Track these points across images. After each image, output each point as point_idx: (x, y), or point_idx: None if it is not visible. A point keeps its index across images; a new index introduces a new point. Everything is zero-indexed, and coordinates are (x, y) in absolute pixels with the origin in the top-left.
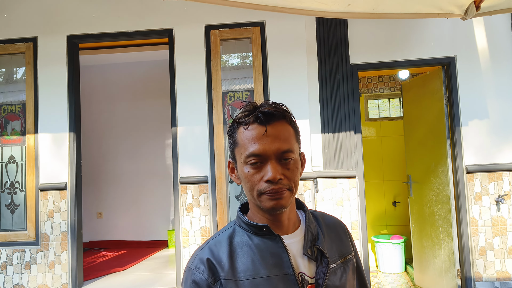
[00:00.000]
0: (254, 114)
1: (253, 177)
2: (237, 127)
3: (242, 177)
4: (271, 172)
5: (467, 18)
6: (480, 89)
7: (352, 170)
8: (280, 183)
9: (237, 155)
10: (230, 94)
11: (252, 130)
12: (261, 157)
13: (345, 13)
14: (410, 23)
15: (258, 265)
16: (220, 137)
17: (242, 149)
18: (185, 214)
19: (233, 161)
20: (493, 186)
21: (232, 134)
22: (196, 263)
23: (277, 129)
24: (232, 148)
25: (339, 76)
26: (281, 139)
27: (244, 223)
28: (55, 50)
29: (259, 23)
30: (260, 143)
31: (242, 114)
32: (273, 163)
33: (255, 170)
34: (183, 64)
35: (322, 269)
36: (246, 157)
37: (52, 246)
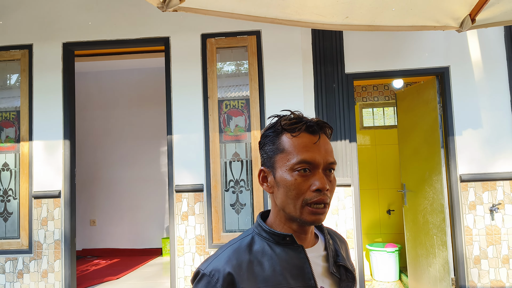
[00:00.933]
0: (304, 123)
1: (300, 185)
2: (281, 133)
3: (284, 185)
4: (320, 181)
5: (463, 31)
6: (473, 99)
7: (347, 179)
8: (326, 194)
9: (279, 162)
10: (226, 102)
11: (302, 138)
12: (311, 165)
13: (343, 26)
14: (404, 33)
15: (279, 275)
16: (216, 145)
17: (290, 155)
18: (180, 222)
19: (268, 169)
20: (487, 195)
21: (273, 141)
22: (211, 270)
23: (325, 141)
24: (272, 154)
25: (334, 85)
26: (328, 151)
27: (266, 232)
28: (50, 57)
29: (255, 32)
30: (313, 151)
31: (288, 122)
32: (321, 173)
33: (303, 179)
34: (179, 72)
35: (348, 283)
36: (296, 164)
37: (45, 255)
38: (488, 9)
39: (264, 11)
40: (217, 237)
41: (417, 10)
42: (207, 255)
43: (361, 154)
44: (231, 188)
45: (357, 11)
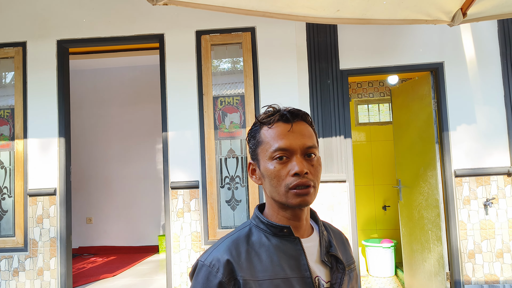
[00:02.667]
0: (279, 113)
1: (279, 172)
2: (260, 127)
3: (266, 174)
4: (298, 166)
5: (454, 25)
6: (468, 94)
7: (342, 175)
8: (306, 177)
9: (260, 153)
10: (221, 99)
11: (277, 128)
12: (287, 152)
13: (335, 19)
14: (399, 29)
15: (276, 266)
16: (211, 142)
17: (267, 145)
18: (176, 219)
19: (254, 161)
20: (481, 190)
21: (254, 135)
22: (211, 260)
23: (301, 127)
24: (254, 148)
25: (329, 81)
26: (305, 136)
27: (263, 223)
28: (44, 55)
29: (249, 29)
30: (286, 138)
31: (265, 115)
32: (299, 158)
33: (281, 165)
34: (174, 69)
35: (339, 274)
36: (273, 152)
37: (41, 252)
38: (479, 3)
39: (255, 4)
40: (213, 233)
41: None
42: (203, 251)
43: (357, 151)
44: (226, 184)
45: (349, 4)
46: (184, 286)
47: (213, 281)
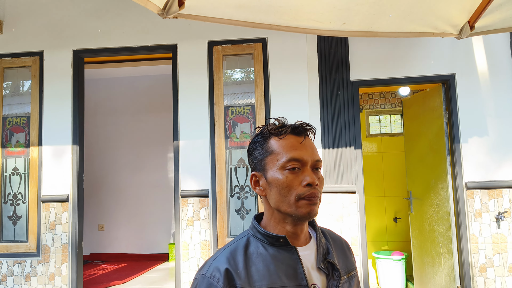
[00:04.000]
0: (289, 126)
1: (292, 182)
2: (268, 138)
3: (275, 184)
4: (310, 176)
5: (462, 38)
6: (479, 106)
7: (352, 186)
8: (316, 188)
9: (269, 163)
10: (232, 109)
11: (288, 139)
12: (300, 163)
13: (341, 31)
14: (410, 41)
15: (273, 275)
16: (221, 151)
17: (278, 155)
18: (185, 227)
19: (259, 172)
20: (493, 203)
21: (261, 145)
22: (212, 271)
23: (309, 141)
24: (262, 157)
25: (339, 92)
26: (314, 150)
27: (260, 233)
28: (60, 64)
29: (261, 40)
30: (300, 150)
31: (274, 126)
32: (310, 170)
33: (293, 176)
34: (186, 79)
35: (334, 282)
36: (285, 162)
37: (53, 258)
38: (487, 16)
39: (263, 17)
40: (222, 242)
41: (414, 16)
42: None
43: (368, 162)
44: (236, 193)
45: (354, 17)
46: None
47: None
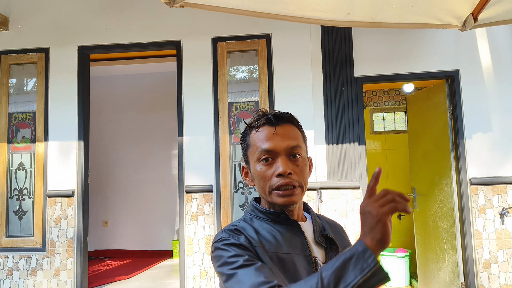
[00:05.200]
0: (264, 117)
1: (265, 173)
2: (249, 131)
3: (255, 175)
4: (282, 166)
5: (466, 30)
6: (483, 102)
7: (356, 181)
8: (290, 178)
9: (250, 156)
10: (236, 105)
11: (263, 131)
12: (272, 153)
13: (345, 22)
14: (414, 36)
15: (281, 243)
16: (226, 147)
17: (254, 148)
18: (189, 222)
19: (246, 164)
20: (497, 199)
21: (244, 139)
22: (229, 232)
23: (285, 129)
24: (245, 151)
25: (343, 88)
26: (290, 138)
27: (262, 212)
28: (66, 61)
29: (265, 36)
30: (271, 141)
31: (253, 120)
32: (284, 159)
33: (267, 167)
34: (190, 75)
35: (332, 254)
36: (259, 154)
37: (58, 253)
38: (491, 8)
39: (268, 7)
40: None
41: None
42: None
43: (372, 159)
44: (240, 189)
45: (358, 8)
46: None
47: (240, 240)
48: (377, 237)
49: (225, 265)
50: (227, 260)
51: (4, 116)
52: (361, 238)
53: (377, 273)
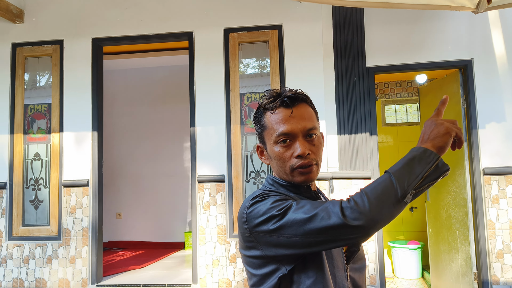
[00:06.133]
0: (279, 99)
1: (284, 155)
2: (263, 112)
3: (273, 156)
4: (301, 148)
5: (479, 12)
6: (497, 92)
7: (367, 171)
8: (308, 158)
9: (266, 137)
10: (248, 95)
11: (279, 113)
12: (290, 136)
13: (358, 2)
14: (427, 25)
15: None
16: (237, 137)
17: (271, 130)
18: (202, 212)
19: (261, 144)
20: (510, 189)
21: (259, 120)
22: (261, 191)
23: (300, 110)
24: (261, 132)
25: (355, 78)
26: (305, 119)
27: (283, 186)
28: (80, 52)
29: (276, 26)
30: (288, 123)
31: (267, 101)
32: (301, 140)
33: (285, 148)
34: (202, 66)
35: None
36: (277, 137)
37: (74, 241)
38: None
39: None
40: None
41: None
42: (228, 244)
43: (384, 151)
44: (251, 179)
45: None
46: (209, 277)
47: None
48: (439, 144)
49: (272, 209)
50: (274, 205)
51: (20, 107)
52: (419, 145)
53: (441, 166)
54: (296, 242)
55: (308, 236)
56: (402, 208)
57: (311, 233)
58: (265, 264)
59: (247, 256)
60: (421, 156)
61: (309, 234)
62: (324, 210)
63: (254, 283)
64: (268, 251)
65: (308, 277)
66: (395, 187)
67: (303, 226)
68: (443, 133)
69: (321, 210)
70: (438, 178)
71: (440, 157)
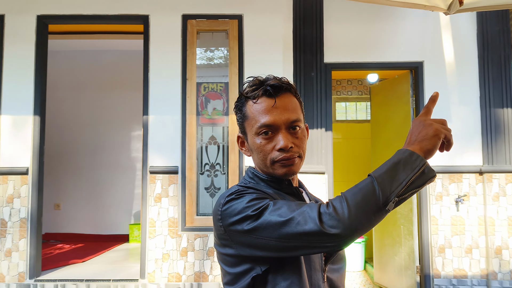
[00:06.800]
0: (262, 88)
1: (265, 147)
2: (245, 101)
3: (253, 148)
4: (283, 141)
5: (450, 13)
6: (445, 94)
7: (321, 167)
8: (291, 151)
9: (247, 127)
10: (205, 85)
11: (261, 103)
12: (272, 127)
13: None
14: (383, 26)
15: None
16: (193, 128)
17: (252, 121)
18: (153, 204)
19: (242, 134)
20: (453, 187)
21: (240, 109)
22: (242, 187)
23: (284, 100)
24: (242, 121)
25: (313, 73)
26: (289, 110)
27: (264, 180)
28: (23, 30)
29: (237, 16)
30: (271, 114)
31: (249, 89)
32: (284, 133)
33: (267, 141)
34: (157, 52)
35: None
36: (258, 128)
37: (10, 233)
38: None
39: None
40: (190, 220)
41: None
42: (179, 238)
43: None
44: (206, 171)
45: None
46: (159, 272)
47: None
48: (427, 147)
49: (247, 209)
50: (249, 204)
51: None
52: (405, 146)
53: (427, 172)
54: (270, 245)
55: (282, 240)
56: (383, 216)
57: (285, 237)
58: (239, 262)
59: (221, 254)
60: (406, 160)
61: (283, 238)
62: (301, 214)
63: (228, 281)
64: (242, 251)
65: (284, 278)
66: (377, 194)
67: (278, 230)
68: (431, 135)
69: (297, 214)
70: (423, 185)
71: (427, 162)
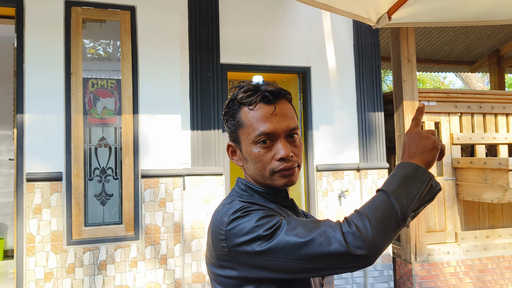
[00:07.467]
0: (259, 94)
1: (264, 157)
2: (239, 108)
3: (250, 158)
4: (284, 150)
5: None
6: (328, 98)
7: (219, 168)
8: (291, 160)
9: (242, 136)
10: (93, 81)
11: (259, 110)
12: (271, 136)
13: None
14: (276, 31)
15: (284, 214)
16: (79, 128)
17: (249, 129)
18: (31, 216)
19: (234, 143)
20: (337, 183)
21: (233, 116)
22: (245, 203)
23: (282, 108)
24: (235, 129)
25: (209, 74)
26: (288, 117)
27: (258, 193)
28: None
29: (129, 8)
30: (270, 122)
31: (244, 95)
32: (283, 141)
33: (265, 150)
34: (35, 42)
35: None
36: (256, 137)
37: None
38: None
39: None
40: (77, 232)
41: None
42: (65, 253)
43: None
44: (96, 177)
45: None
46: None
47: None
48: (428, 159)
49: (258, 228)
50: (260, 223)
51: None
52: (406, 159)
53: (434, 185)
54: (285, 267)
55: (301, 261)
56: (399, 232)
57: (305, 259)
58: (241, 284)
59: (218, 275)
60: (414, 174)
61: (303, 260)
62: (322, 234)
63: None
64: (248, 273)
65: None
66: (395, 210)
67: (297, 251)
68: (430, 147)
69: (318, 235)
70: (432, 198)
71: (433, 176)
